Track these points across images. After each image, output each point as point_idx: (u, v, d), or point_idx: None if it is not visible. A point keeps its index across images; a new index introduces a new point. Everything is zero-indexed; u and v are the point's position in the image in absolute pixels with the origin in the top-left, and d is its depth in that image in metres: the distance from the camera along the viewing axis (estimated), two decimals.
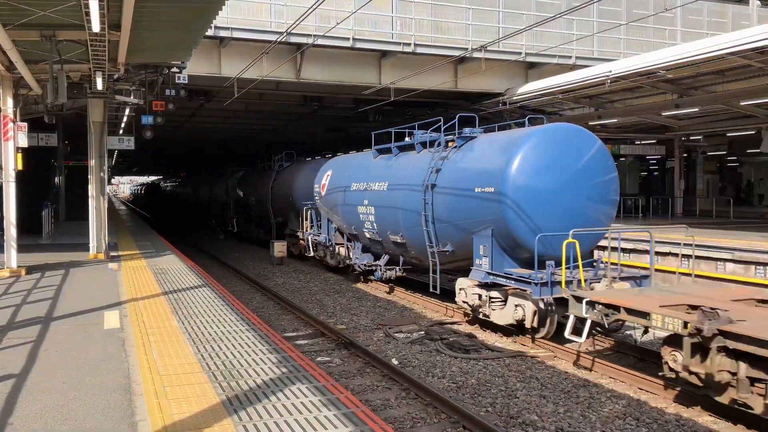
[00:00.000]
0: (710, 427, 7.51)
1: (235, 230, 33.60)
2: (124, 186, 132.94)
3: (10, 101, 13.11)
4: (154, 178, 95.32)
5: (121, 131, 22.75)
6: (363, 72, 20.97)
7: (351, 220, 17.07)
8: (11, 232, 12.98)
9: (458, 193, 12.22)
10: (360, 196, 16.22)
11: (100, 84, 14.12)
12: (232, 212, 33.94)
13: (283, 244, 22.69)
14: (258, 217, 29.21)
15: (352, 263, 17.81)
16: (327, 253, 19.55)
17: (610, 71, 18.31)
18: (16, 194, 13.13)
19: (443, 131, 13.73)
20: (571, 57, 22.04)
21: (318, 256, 20.40)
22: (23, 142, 13.55)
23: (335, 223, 18.76)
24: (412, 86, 20.59)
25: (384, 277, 16.11)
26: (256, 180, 29.64)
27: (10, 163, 13.01)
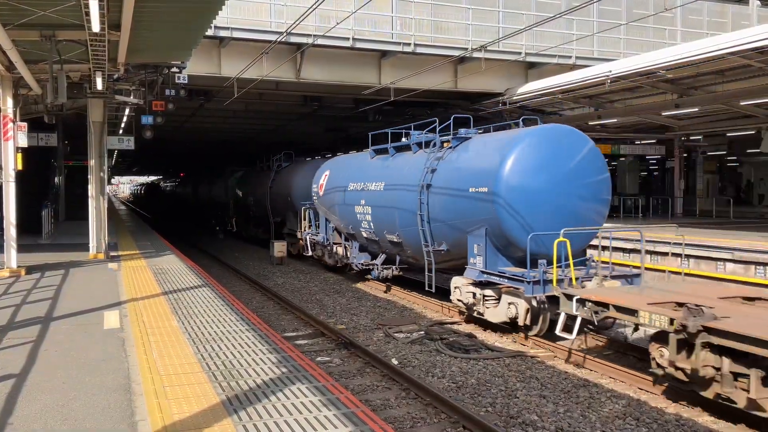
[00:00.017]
0: (710, 427, 7.51)
1: (234, 230, 33.73)
2: (124, 186, 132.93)
3: (9, 101, 13.11)
4: (153, 178, 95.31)
5: (120, 131, 22.73)
6: (363, 72, 20.97)
7: (348, 220, 17.17)
8: (11, 232, 12.98)
9: (453, 193, 12.36)
10: (357, 196, 16.32)
11: (99, 84, 14.12)
12: (232, 212, 34.06)
13: (283, 244, 22.70)
14: (257, 216, 29.26)
15: (350, 262, 17.93)
16: (325, 253, 19.66)
17: (610, 71, 18.31)
18: (16, 194, 13.13)
19: (438, 132, 13.86)
20: (571, 57, 22.03)
21: (316, 255, 20.50)
22: (23, 142, 13.56)
23: (333, 223, 18.88)
24: (412, 86, 20.59)
25: (381, 276, 16.26)
26: (255, 180, 29.72)
27: (10, 163, 13.01)
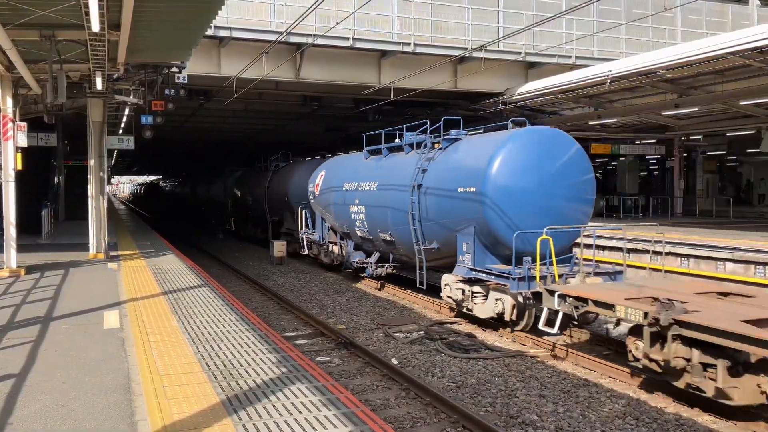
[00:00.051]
0: (710, 427, 7.51)
1: (233, 229, 34.00)
2: (124, 186, 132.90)
3: (9, 101, 13.11)
4: (153, 177, 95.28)
5: (120, 131, 22.71)
6: (363, 72, 20.97)
7: (343, 219, 17.50)
8: (11, 231, 12.98)
9: (443, 192, 12.74)
10: (351, 196, 16.66)
11: (99, 84, 14.11)
12: (230, 212, 34.35)
13: (283, 244, 22.73)
14: (255, 216, 29.59)
15: (345, 261, 18.29)
16: (321, 251, 19.98)
17: (610, 71, 18.31)
18: (16, 194, 13.13)
19: (429, 133, 14.18)
20: (570, 57, 22.03)
21: (312, 254, 20.83)
22: (23, 141, 13.57)
23: (329, 222, 19.18)
24: (411, 86, 20.59)
25: (375, 274, 16.59)
26: (252, 180, 30.06)
27: (10, 162, 13.01)
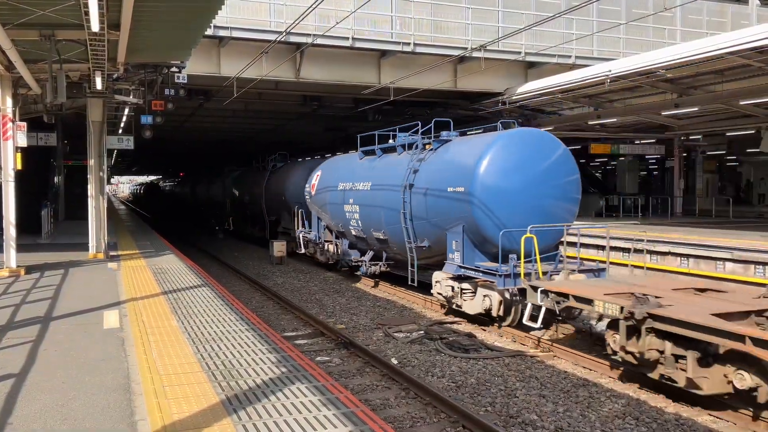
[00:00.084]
0: (709, 426, 7.52)
1: (231, 228, 34.25)
2: (124, 186, 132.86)
3: (9, 101, 13.10)
4: (153, 177, 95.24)
5: (120, 131, 22.70)
6: (362, 71, 20.96)
7: (338, 218, 17.87)
8: (10, 231, 12.97)
9: (433, 192, 13.19)
10: (346, 196, 17.04)
11: (99, 83, 14.10)
12: (229, 211, 34.64)
13: (283, 244, 22.77)
14: (253, 215, 29.96)
15: (340, 259, 18.71)
16: (317, 250, 20.36)
17: (610, 71, 18.31)
18: (16, 194, 13.12)
19: (420, 134, 14.57)
20: (570, 56, 22.02)
21: (309, 252, 21.21)
22: (22, 141, 13.56)
23: (324, 221, 19.58)
24: (411, 86, 20.58)
25: (369, 272, 17.01)
26: (250, 180, 30.40)
27: (10, 162, 13.00)
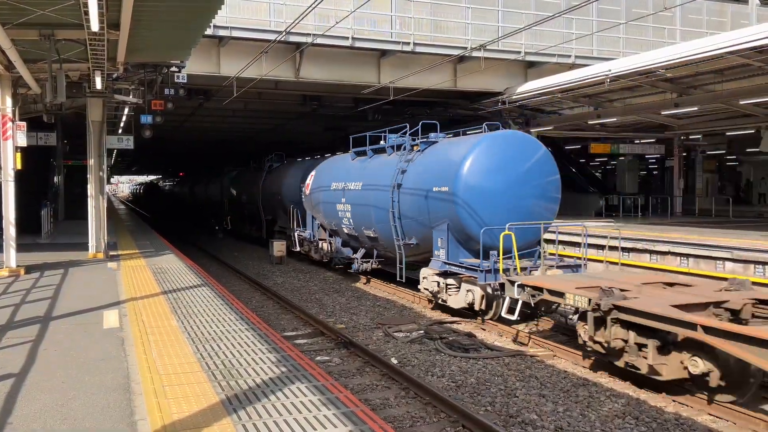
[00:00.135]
0: (709, 426, 7.52)
1: (229, 227, 34.58)
2: (123, 185, 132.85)
3: (9, 100, 13.09)
4: (153, 177, 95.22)
5: (120, 130, 22.71)
6: (362, 71, 20.97)
7: (331, 217, 18.34)
8: (10, 231, 12.97)
9: (420, 192, 13.65)
10: (339, 195, 17.47)
11: (99, 83, 14.10)
12: (227, 210, 34.96)
13: (283, 244, 22.79)
14: (250, 215, 30.36)
15: (334, 257, 19.24)
16: (311, 248, 20.84)
17: (610, 70, 18.31)
18: (15, 193, 13.11)
19: (409, 136, 15.30)
20: (570, 56, 22.03)
21: (303, 250, 21.69)
22: (22, 141, 13.55)
23: (318, 220, 20.02)
24: (411, 85, 20.59)
25: (360, 268, 17.51)
26: (247, 179, 30.77)
27: (9, 162, 12.99)
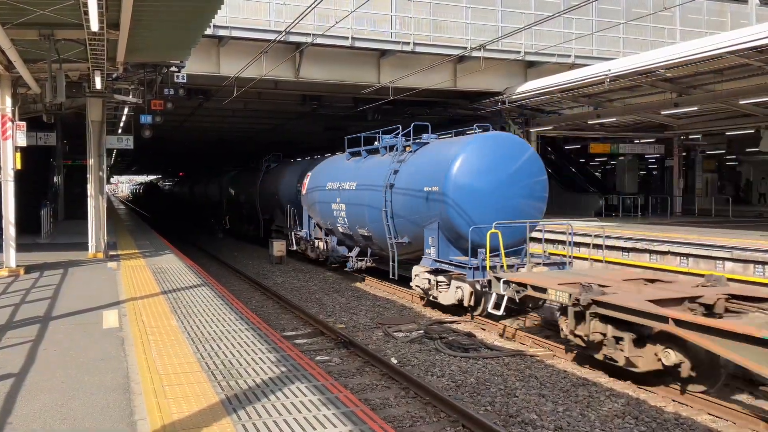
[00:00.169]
0: (709, 426, 7.52)
1: (228, 227, 34.78)
2: (123, 185, 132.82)
3: (8, 100, 13.09)
4: (152, 177, 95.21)
5: (119, 130, 22.71)
6: (362, 71, 20.98)
7: (327, 217, 18.62)
8: (10, 231, 12.97)
9: (411, 191, 13.97)
10: (334, 195, 17.78)
11: (98, 83, 14.09)
12: (225, 210, 35.16)
13: (282, 244, 22.79)
14: (248, 214, 30.65)
15: (329, 255, 19.52)
16: (308, 247, 21.16)
17: (609, 70, 18.32)
18: (15, 193, 13.12)
19: (401, 136, 15.63)
20: (570, 56, 22.04)
21: (300, 249, 22.01)
22: (22, 141, 13.55)
23: (314, 219, 20.34)
24: (411, 85, 20.60)
25: (355, 267, 17.84)
26: (246, 179, 31.05)
27: (9, 162, 12.99)
